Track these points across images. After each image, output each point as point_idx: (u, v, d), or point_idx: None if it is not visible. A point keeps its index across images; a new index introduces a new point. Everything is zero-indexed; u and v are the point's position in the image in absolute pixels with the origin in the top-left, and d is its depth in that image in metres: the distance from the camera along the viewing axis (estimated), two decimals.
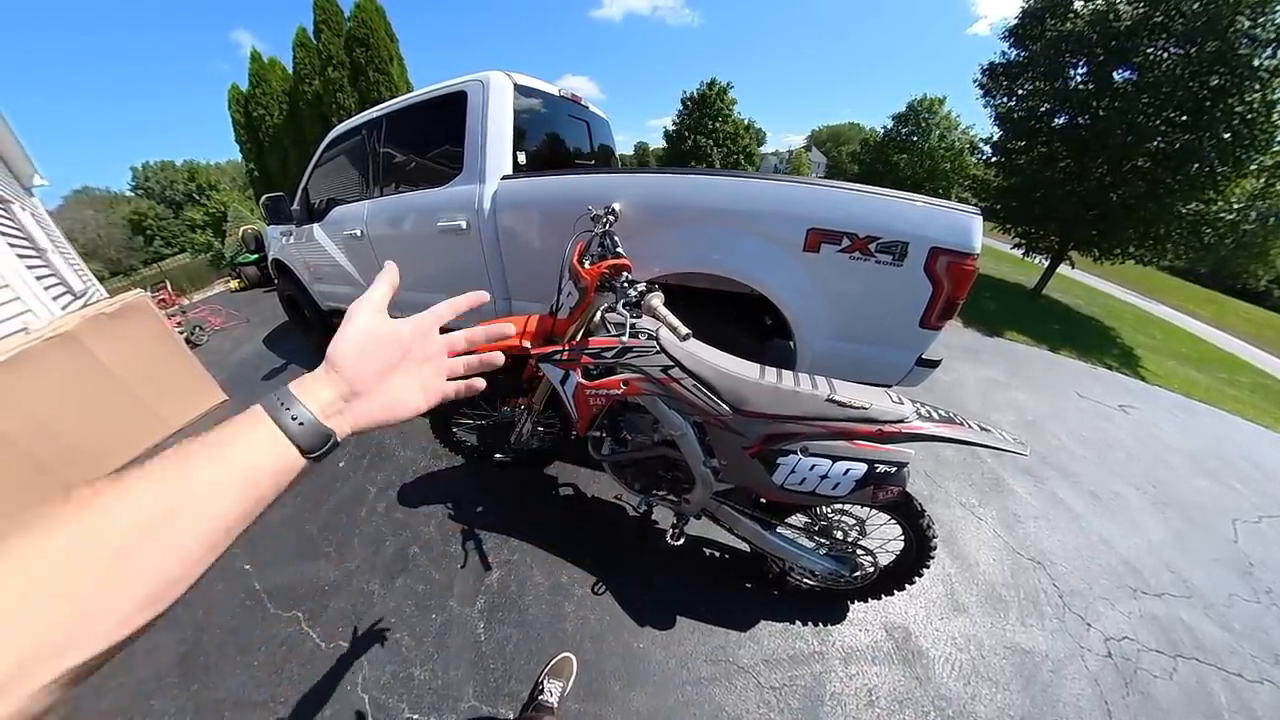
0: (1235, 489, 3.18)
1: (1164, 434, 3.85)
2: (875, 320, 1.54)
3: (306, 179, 2.87)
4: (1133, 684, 1.58)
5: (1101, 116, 6.93)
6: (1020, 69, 7.98)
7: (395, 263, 0.47)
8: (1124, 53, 6.68)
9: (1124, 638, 1.75)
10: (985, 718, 1.38)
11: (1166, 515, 2.60)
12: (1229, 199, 6.58)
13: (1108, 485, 2.73)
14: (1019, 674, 1.52)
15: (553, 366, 1.31)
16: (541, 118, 2.38)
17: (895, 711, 1.36)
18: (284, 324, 4.22)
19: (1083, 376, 4.82)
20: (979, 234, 1.35)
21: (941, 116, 22.66)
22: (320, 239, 2.81)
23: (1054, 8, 7.43)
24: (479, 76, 1.98)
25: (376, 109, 2.42)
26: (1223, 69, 5.91)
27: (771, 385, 1.08)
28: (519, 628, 1.51)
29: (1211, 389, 6.04)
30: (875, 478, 1.05)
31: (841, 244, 1.40)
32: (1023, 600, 1.80)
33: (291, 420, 0.33)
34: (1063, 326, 7.04)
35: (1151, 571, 2.14)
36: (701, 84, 23.60)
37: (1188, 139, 6.18)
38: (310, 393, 0.36)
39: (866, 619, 1.59)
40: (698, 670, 1.41)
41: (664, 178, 1.67)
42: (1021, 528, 2.20)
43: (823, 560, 1.37)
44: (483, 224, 1.95)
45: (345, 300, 3.03)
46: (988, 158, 9.07)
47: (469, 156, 1.97)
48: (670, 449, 1.31)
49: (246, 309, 5.29)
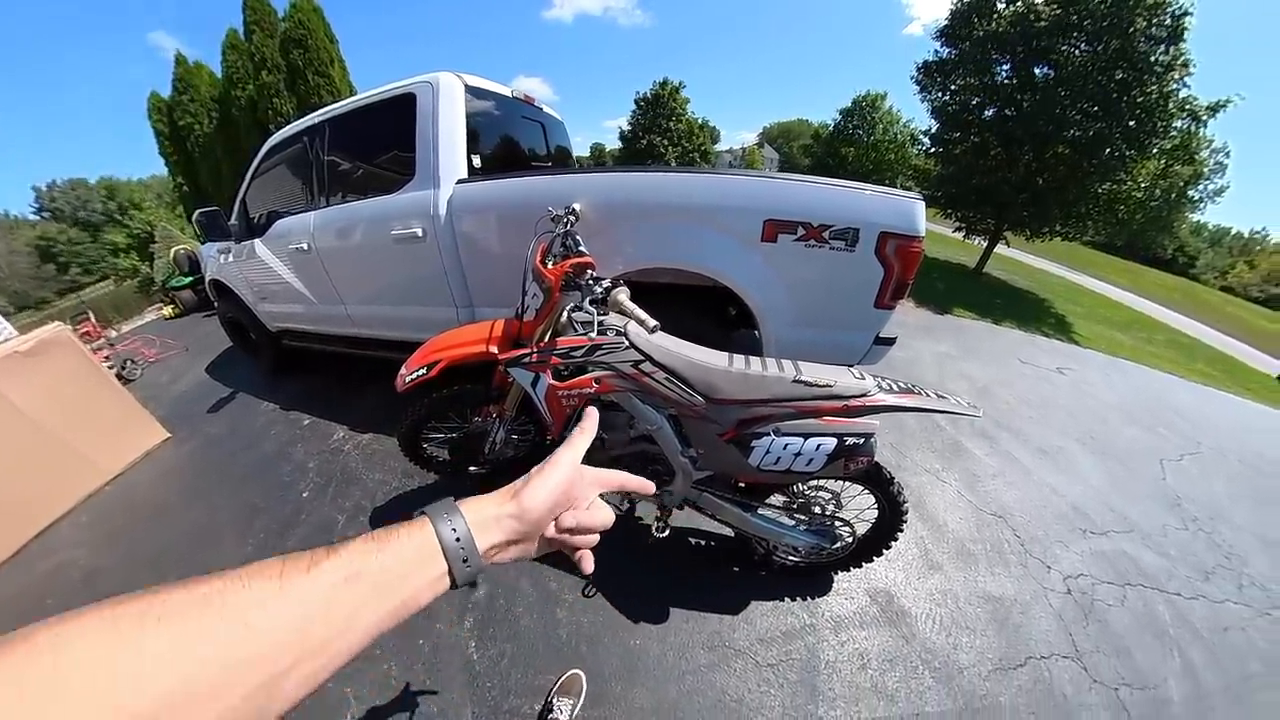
0: (1160, 433, 3.54)
1: (1097, 390, 4.23)
2: (833, 304, 1.61)
3: (244, 191, 2.67)
4: (1091, 615, 1.74)
5: (1025, 109, 7.59)
6: (952, 66, 8.63)
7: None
8: (1042, 51, 7.38)
9: (1080, 575, 1.92)
10: (968, 664, 1.47)
11: (1104, 462, 2.86)
12: (1137, 180, 7.41)
13: (1053, 440, 2.97)
14: (993, 619, 1.63)
15: (522, 370, 1.29)
16: (495, 120, 2.33)
17: (887, 670, 1.42)
18: (229, 349, 3.91)
19: (1024, 344, 5.22)
20: (922, 218, 1.45)
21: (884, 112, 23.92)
22: (263, 255, 2.62)
23: (980, 9, 8.08)
24: (428, 78, 1.92)
25: (318, 113, 2.29)
26: (1126, 64, 6.66)
27: (741, 372, 1.11)
28: (512, 641, 1.46)
29: (1134, 347, 6.71)
30: (845, 450, 1.11)
31: (797, 233, 1.46)
32: (989, 552, 1.94)
33: (461, 559, 0.32)
34: (1003, 301, 7.61)
35: (1097, 513, 2.35)
36: (654, 84, 23.87)
37: (1099, 127, 6.92)
38: (484, 528, 0.34)
39: (851, 587, 1.65)
40: (696, 659, 1.42)
41: (622, 176, 1.68)
42: (982, 486, 2.36)
43: (804, 535, 1.41)
44: (439, 230, 1.89)
45: (297, 320, 2.84)
46: (927, 149, 9.70)
47: (421, 161, 1.90)
48: (647, 443, 1.31)
49: (184, 336, 4.87)
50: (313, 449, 2.47)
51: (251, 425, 2.80)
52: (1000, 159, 8.18)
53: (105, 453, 2.45)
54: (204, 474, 2.43)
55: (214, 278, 3.12)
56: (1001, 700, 1.39)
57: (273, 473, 2.32)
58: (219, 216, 2.52)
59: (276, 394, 3.11)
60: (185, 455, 2.61)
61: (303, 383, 3.21)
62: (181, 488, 2.33)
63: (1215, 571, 2.15)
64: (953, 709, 1.35)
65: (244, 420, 2.88)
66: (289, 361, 3.27)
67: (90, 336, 5.04)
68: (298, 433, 2.65)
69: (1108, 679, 1.51)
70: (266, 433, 2.69)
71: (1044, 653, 1.55)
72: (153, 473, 2.48)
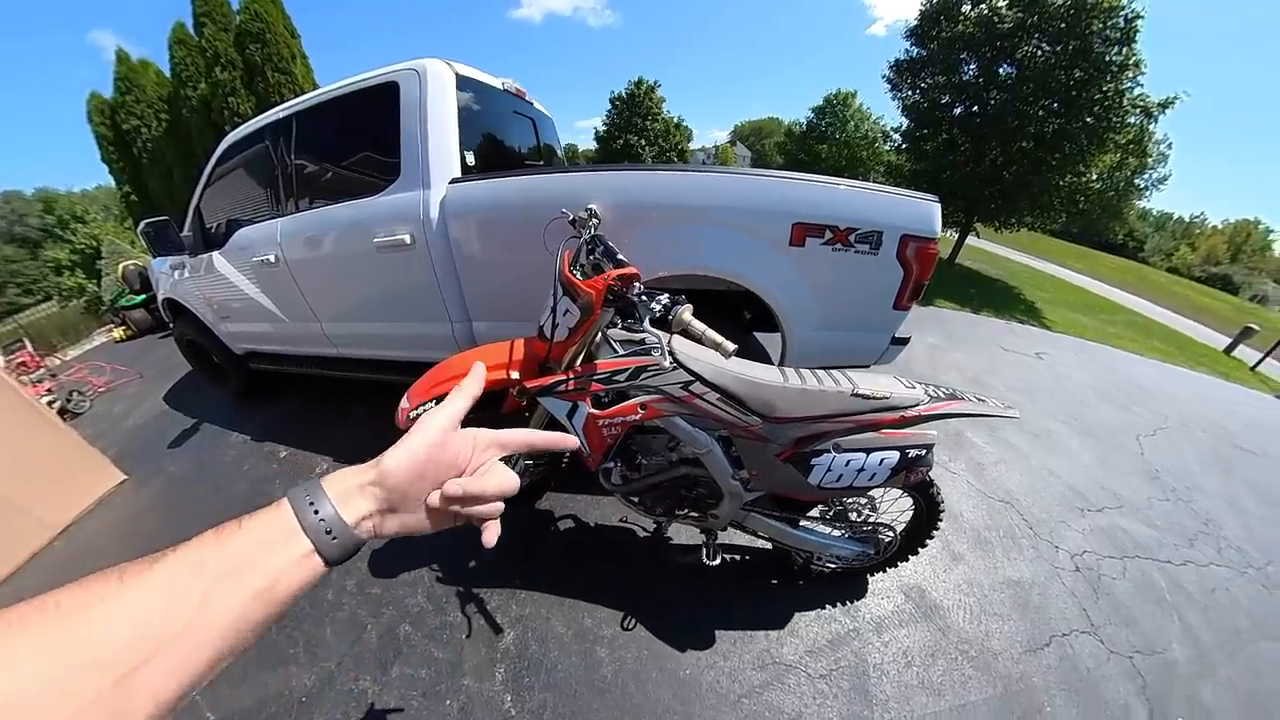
0: (1132, 410, 3.77)
1: (1072, 373, 4.46)
2: (855, 306, 1.61)
3: (198, 199, 2.34)
4: (1099, 589, 1.84)
5: (992, 106, 8.02)
6: (921, 65, 9.00)
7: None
8: (1007, 51, 7.82)
9: (1085, 552, 2.02)
10: (1000, 649, 1.52)
11: (1089, 442, 3.02)
12: (1096, 171, 7.94)
13: (1042, 424, 3.12)
14: (1015, 603, 1.69)
15: (555, 399, 1.15)
16: (485, 114, 2.13)
17: (930, 665, 1.44)
18: (189, 374, 3.49)
19: (1003, 332, 5.46)
20: (939, 219, 1.47)
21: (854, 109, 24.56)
22: (223, 269, 2.31)
23: (947, 11, 8.44)
24: (412, 65, 1.72)
25: (284, 107, 2.02)
26: (1084, 64, 7.11)
27: (799, 388, 1.07)
28: (551, 690, 1.33)
29: (1097, 329, 7.12)
30: (908, 462, 1.10)
31: (824, 236, 1.43)
32: (1003, 538, 2.01)
33: (325, 533, 0.31)
34: (978, 290, 7.95)
35: (1091, 491, 2.48)
36: (630, 83, 23.80)
37: (1061, 123, 7.41)
38: (347, 499, 0.33)
39: (885, 587, 1.66)
40: (749, 680, 1.38)
41: (644, 175, 1.57)
42: (987, 474, 2.44)
43: (850, 544, 1.40)
44: (431, 236, 1.70)
45: (265, 340, 2.57)
46: (898, 145, 10.01)
47: (408, 159, 1.70)
48: (692, 467, 1.24)
49: (138, 362, 4.39)
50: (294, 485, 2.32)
51: (220, 460, 2.46)
52: (969, 154, 8.55)
53: (50, 503, 2.12)
54: (169, 521, 2.12)
55: (168, 296, 2.78)
56: (1034, 681, 1.44)
57: None
58: (169, 228, 2.25)
59: (247, 423, 2.78)
60: (146, 500, 2.27)
61: (277, 409, 2.90)
62: (143, 538, 2.03)
63: (1197, 538, 2.31)
64: (993, 695, 1.38)
65: (212, 455, 2.53)
66: (259, 385, 2.94)
67: (27, 367, 4.58)
68: (275, 467, 2.34)
69: (1122, 649, 1.60)
70: (238, 469, 2.37)
71: (1064, 630, 1.62)
72: (109, 522, 2.15)
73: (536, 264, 1.52)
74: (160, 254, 2.51)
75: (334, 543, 0.31)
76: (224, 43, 6.76)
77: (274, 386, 3.03)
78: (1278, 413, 5.11)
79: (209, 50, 6.74)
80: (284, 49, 6.91)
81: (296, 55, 7.06)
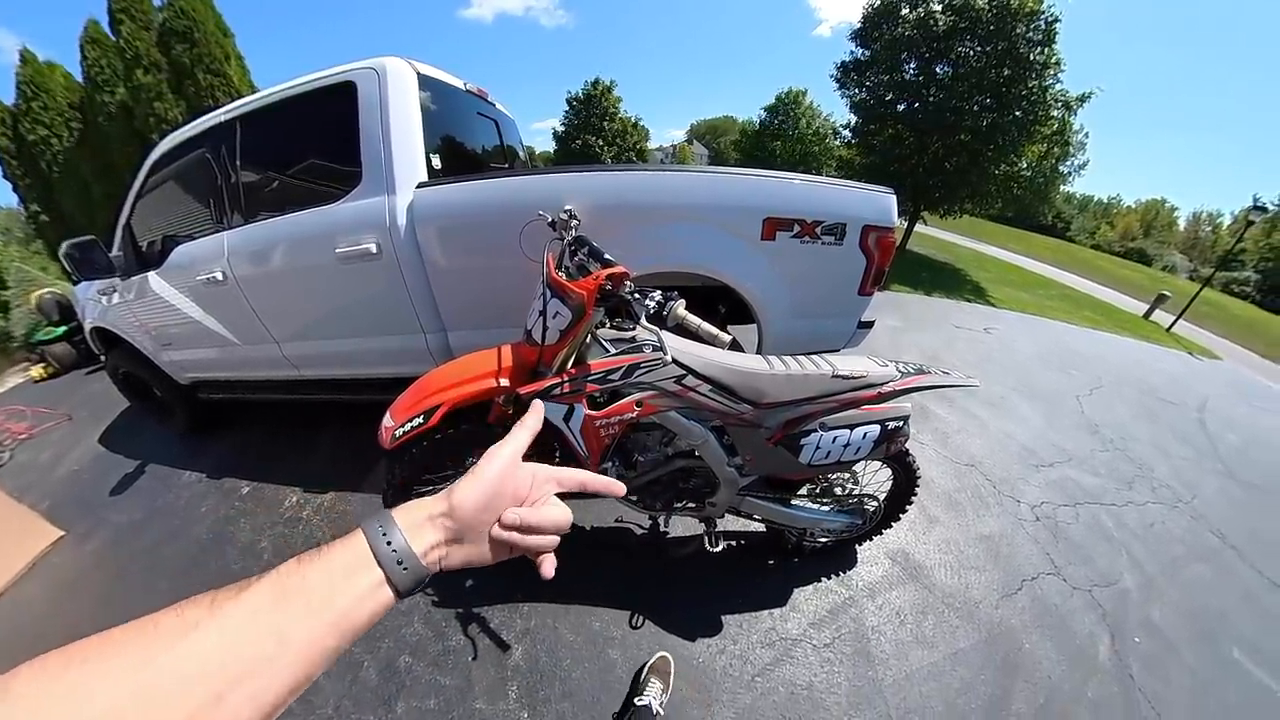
0: (1072, 374, 4.15)
1: (1018, 344, 4.86)
2: (824, 295, 1.70)
3: (127, 214, 2.12)
4: (1057, 534, 2.04)
5: (931, 102, 8.56)
6: (866, 65, 9.50)
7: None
8: (942, 51, 8.40)
9: (1043, 503, 2.23)
10: (980, 598, 1.65)
11: (1036, 405, 3.31)
12: (1027, 161, 8.69)
13: (996, 392, 3.38)
14: (989, 555, 1.84)
15: (552, 403, 1.13)
16: (447, 115, 2.06)
17: (921, 620, 1.55)
18: (127, 410, 3.08)
19: (953, 311, 5.86)
20: (895, 210, 1.59)
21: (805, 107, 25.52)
22: (161, 291, 2.10)
23: (887, 13, 8.96)
24: (370, 63, 1.63)
25: (224, 110, 1.88)
26: (1011, 62, 7.74)
27: (784, 373, 1.11)
28: (569, 699, 1.31)
29: (1036, 304, 7.75)
30: (888, 434, 1.19)
31: (793, 230, 1.51)
32: (971, 498, 2.17)
33: (396, 563, 0.32)
34: (928, 274, 8.48)
35: (1042, 448, 2.73)
36: (586, 83, 23.72)
37: (994, 118, 8.02)
38: (417, 529, 0.34)
39: (873, 555, 1.76)
40: (760, 659, 1.42)
41: (619, 175, 1.60)
42: (951, 441, 2.63)
43: (840, 517, 1.48)
44: (399, 244, 1.61)
45: (214, 368, 2.34)
46: (848, 140, 10.52)
47: (369, 163, 1.62)
48: (688, 459, 1.27)
49: (65, 401, 3.74)
50: (262, 523, 1.98)
51: (174, 504, 2.20)
52: (914, 147, 9.12)
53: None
54: (121, 577, 1.88)
55: (97, 325, 2.48)
56: (1013, 623, 1.58)
57: (215, 562, 1.84)
58: (94, 249, 2.01)
59: (200, 459, 2.48)
60: (89, 556, 2.00)
61: (233, 440, 2.62)
62: (94, 599, 1.80)
63: (1134, 481, 2.60)
64: (979, 640, 1.50)
65: (163, 499, 2.26)
66: (210, 416, 2.66)
67: None
68: (238, 505, 2.12)
69: (1082, 584, 1.78)
70: (195, 511, 2.13)
71: (1031, 574, 1.79)
72: (48, 586, 1.89)
73: (513, 269, 1.50)
74: (86, 278, 2.22)
75: (404, 572, 0.32)
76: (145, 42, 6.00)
77: (227, 417, 2.78)
78: (1189, 368, 5.78)
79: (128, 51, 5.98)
80: (216, 49, 6.23)
81: (231, 55, 6.42)
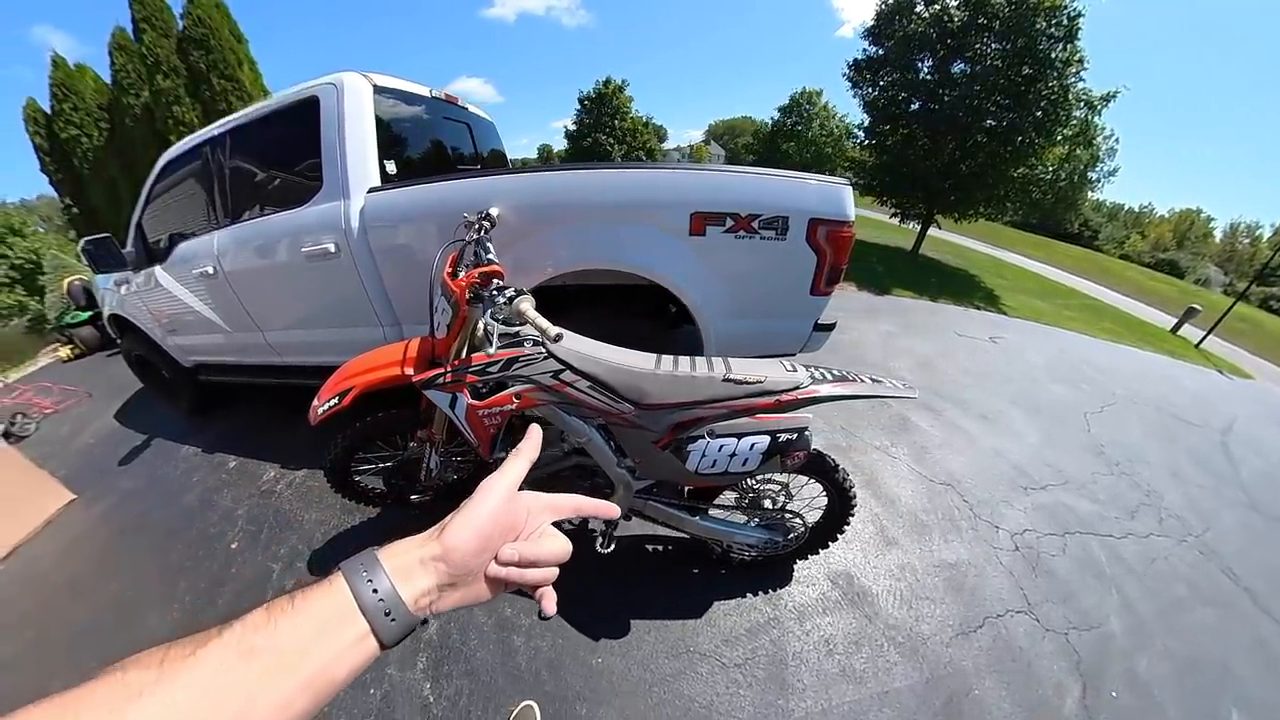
0: (1082, 389, 3.87)
1: (1025, 355, 4.57)
2: (769, 294, 1.62)
3: (139, 213, 2.43)
4: (1038, 567, 1.84)
5: (946, 102, 8.24)
6: (879, 63, 9.22)
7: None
8: (958, 48, 8.07)
9: (1025, 530, 2.03)
10: (930, 634, 1.50)
11: (1038, 421, 3.08)
12: (1046, 164, 8.24)
13: (991, 405, 3.16)
14: (950, 586, 1.68)
15: (438, 391, 1.21)
16: (414, 123, 2.21)
17: (853, 652, 1.43)
18: (140, 391, 3.48)
19: (959, 318, 5.58)
20: (850, 202, 1.47)
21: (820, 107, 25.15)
22: (166, 283, 2.38)
23: (901, 10, 8.70)
24: (331, 79, 1.79)
25: (219, 124, 2.13)
26: (1030, 60, 7.37)
27: (669, 374, 1.08)
28: (468, 677, 1.38)
29: (1053, 313, 7.35)
30: (780, 447, 1.09)
31: (725, 224, 1.44)
32: (941, 521, 2.00)
33: (384, 614, 0.29)
34: (938, 279, 8.14)
35: (1035, 469, 2.51)
36: (598, 83, 23.96)
37: (1012, 117, 7.67)
38: (406, 574, 0.31)
39: (811, 574, 1.65)
40: (661, 669, 1.38)
41: (542, 176, 1.62)
42: (930, 457, 2.45)
43: (756, 532, 1.40)
44: (353, 245, 1.76)
45: (212, 352, 2.60)
46: (861, 141, 10.25)
47: (328, 170, 1.77)
48: (582, 456, 1.26)
49: (87, 380, 4.24)
50: (241, 494, 2.26)
51: (171, 475, 2.52)
52: (927, 148, 8.80)
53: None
54: (119, 536, 2.17)
55: (113, 312, 2.82)
56: (964, 664, 1.42)
57: (197, 526, 2.10)
58: (109, 244, 2.28)
59: (198, 437, 2.82)
60: (95, 518, 2.32)
61: (228, 421, 2.94)
62: (94, 556, 2.08)
63: (1139, 510, 2.35)
64: (919, 680, 1.36)
65: (162, 470, 2.59)
66: (210, 398, 2.99)
67: None
68: (224, 477, 2.41)
69: (1058, 626, 1.59)
70: (188, 481, 2.43)
71: (999, 611, 1.61)
72: (58, 542, 2.18)
73: None
74: (102, 271, 2.52)
75: (392, 625, 0.29)
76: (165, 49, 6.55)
77: (229, 399, 3.07)
78: (1217, 386, 5.34)
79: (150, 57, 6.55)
80: (229, 54, 6.71)
81: (243, 61, 6.86)
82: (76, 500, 2.42)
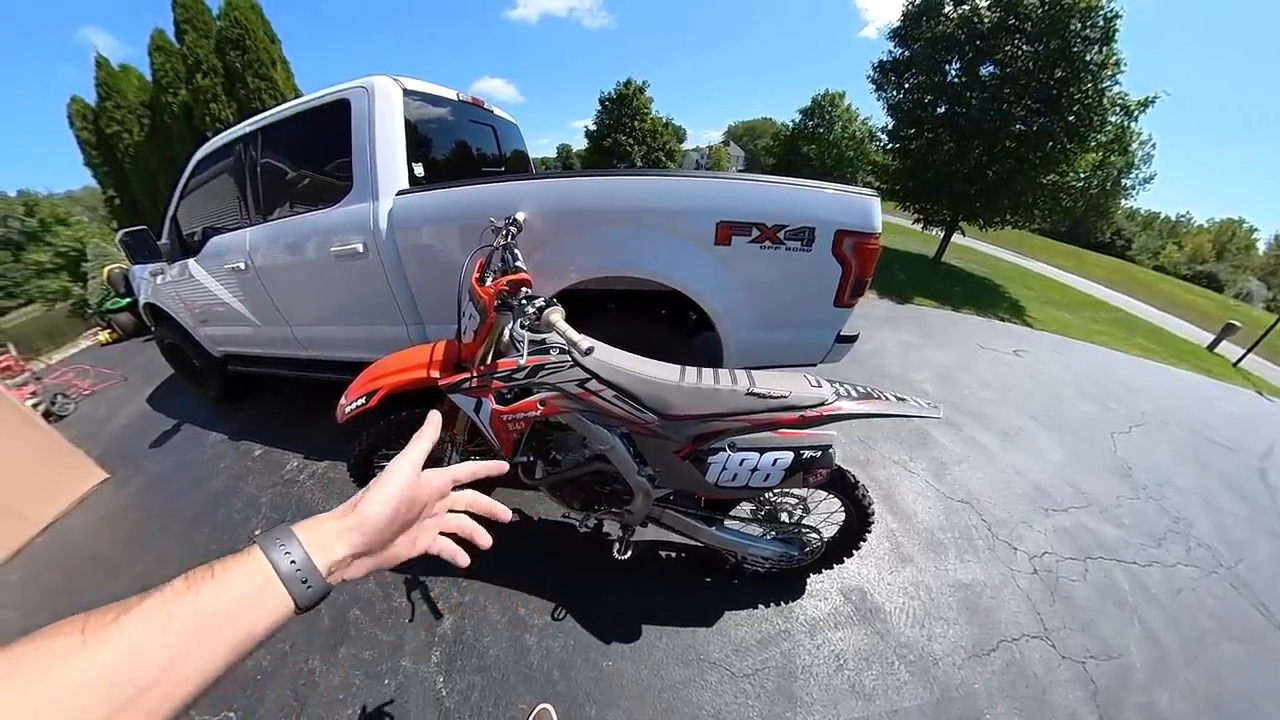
0: (1109, 407, 3.73)
1: (1050, 370, 4.43)
2: (792, 304, 1.61)
3: (174, 207, 2.51)
4: (1057, 591, 1.79)
5: (974, 105, 7.97)
6: (905, 65, 8.99)
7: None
8: (988, 50, 7.80)
9: (1045, 553, 1.97)
10: (942, 654, 1.48)
11: (1061, 438, 2.98)
12: (1078, 170, 7.91)
13: (1013, 421, 3.08)
14: (964, 607, 1.65)
15: (464, 396, 1.22)
16: (441, 125, 2.26)
17: (863, 669, 1.42)
18: (172, 377, 3.62)
19: (982, 329, 5.43)
20: (878, 214, 1.45)
21: (843, 109, 24.70)
22: (199, 275, 2.47)
23: (929, 11, 8.46)
24: (362, 82, 1.83)
25: (250, 122, 2.18)
26: (1064, 63, 7.09)
27: (692, 386, 1.08)
28: (481, 673, 1.40)
29: (1081, 326, 7.10)
30: (803, 463, 1.10)
31: (751, 234, 1.44)
32: (958, 539, 1.97)
33: (300, 581, 0.32)
34: (962, 288, 7.93)
35: (1057, 490, 2.44)
36: (618, 84, 23.96)
37: (1042, 122, 7.38)
38: (322, 545, 0.34)
39: (824, 588, 1.64)
40: (671, 675, 1.38)
41: (570, 181, 1.63)
42: (949, 473, 2.41)
43: (771, 545, 1.40)
44: (381, 245, 1.80)
45: (240, 343, 2.69)
46: (885, 145, 10.02)
47: (358, 172, 1.81)
48: (603, 463, 1.28)
49: (123, 364, 4.49)
50: (265, 482, 2.33)
51: (198, 460, 2.63)
52: (953, 153, 8.55)
53: (33, 501, 2.25)
54: (147, 517, 2.27)
55: (149, 301, 2.94)
56: (976, 687, 1.40)
57: (222, 511, 2.17)
58: (146, 236, 2.38)
59: (225, 424, 2.93)
60: (126, 497, 2.43)
61: (253, 410, 3.05)
62: (123, 534, 2.17)
63: (1166, 537, 2.27)
64: (929, 701, 1.35)
65: (190, 455, 2.70)
66: (237, 387, 3.09)
67: (11, 371, 4.59)
68: (249, 465, 2.50)
69: (1075, 654, 1.55)
70: (215, 467, 2.53)
71: (1014, 635, 1.58)
72: (90, 519, 2.30)
73: None
74: (139, 262, 2.63)
75: (307, 590, 0.32)
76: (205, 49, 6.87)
77: (254, 388, 3.17)
78: (1256, 409, 5.08)
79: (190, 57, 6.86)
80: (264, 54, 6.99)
81: (277, 60, 7.14)
82: (109, 479, 2.54)
